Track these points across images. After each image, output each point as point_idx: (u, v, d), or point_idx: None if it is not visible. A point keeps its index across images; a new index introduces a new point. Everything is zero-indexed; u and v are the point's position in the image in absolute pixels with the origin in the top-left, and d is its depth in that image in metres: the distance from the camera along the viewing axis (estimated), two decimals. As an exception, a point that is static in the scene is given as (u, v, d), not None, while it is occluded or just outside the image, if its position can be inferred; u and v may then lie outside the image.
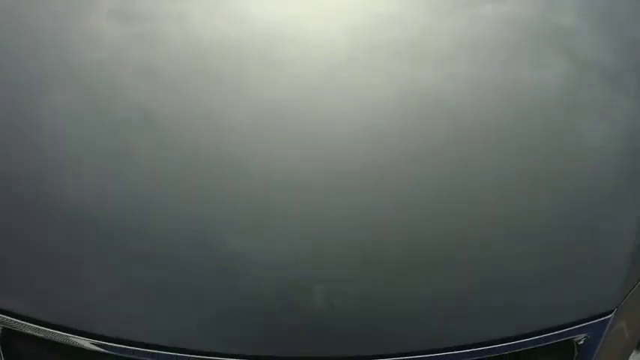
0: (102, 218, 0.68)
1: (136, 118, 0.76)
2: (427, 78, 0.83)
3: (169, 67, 0.82)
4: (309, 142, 0.74)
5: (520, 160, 0.76)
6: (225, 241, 0.65)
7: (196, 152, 0.72)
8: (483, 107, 0.81)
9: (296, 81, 0.81)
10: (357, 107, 0.80)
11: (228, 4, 0.91)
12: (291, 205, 0.68)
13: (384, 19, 0.89)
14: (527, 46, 0.89)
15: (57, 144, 0.75)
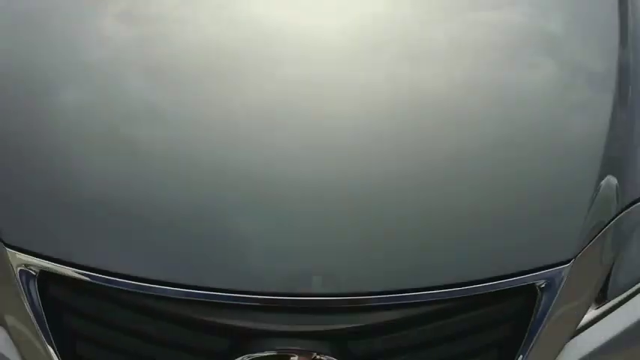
0: (125, 173, 0.78)
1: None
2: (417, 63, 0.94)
3: (173, 62, 0.92)
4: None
5: (491, 126, 0.86)
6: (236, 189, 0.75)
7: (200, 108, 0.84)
8: (463, 79, 0.93)
9: (292, 68, 0.92)
10: (353, 83, 0.91)
11: (227, 9, 1.01)
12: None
13: (385, 22, 1.00)
14: (510, 47, 1.01)
15: (84, 118, 0.86)
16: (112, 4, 1.03)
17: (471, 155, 0.83)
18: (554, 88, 0.97)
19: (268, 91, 0.89)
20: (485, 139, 0.85)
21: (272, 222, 0.75)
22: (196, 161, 0.78)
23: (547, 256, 0.76)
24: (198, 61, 0.93)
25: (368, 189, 0.77)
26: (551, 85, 0.97)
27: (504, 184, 0.81)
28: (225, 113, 0.85)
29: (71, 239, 0.74)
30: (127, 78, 0.90)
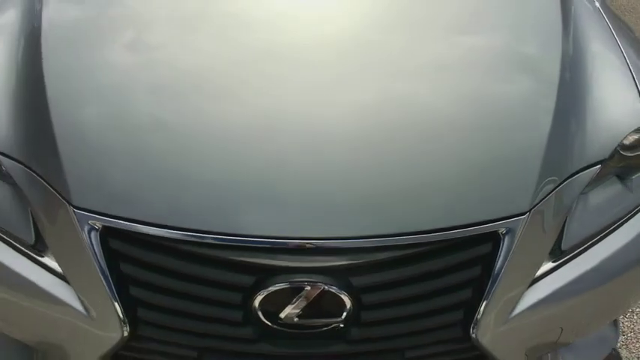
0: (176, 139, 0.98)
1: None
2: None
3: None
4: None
5: (462, 100, 1.06)
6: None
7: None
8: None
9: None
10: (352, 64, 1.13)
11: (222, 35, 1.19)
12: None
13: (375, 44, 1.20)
14: (475, 38, 1.23)
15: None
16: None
17: (448, 124, 1.03)
18: (510, 70, 1.17)
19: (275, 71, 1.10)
20: (458, 112, 1.05)
21: (286, 185, 0.94)
22: (226, 135, 0.99)
23: (508, 209, 0.95)
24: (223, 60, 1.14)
25: (359, 155, 0.96)
26: (507, 68, 1.18)
27: (474, 150, 0.99)
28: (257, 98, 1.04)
29: (126, 201, 0.92)
30: (172, 76, 1.10)
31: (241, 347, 0.95)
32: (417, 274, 0.93)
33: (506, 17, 1.31)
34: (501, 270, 0.95)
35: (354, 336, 0.94)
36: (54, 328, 1.02)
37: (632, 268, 1.10)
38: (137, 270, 0.92)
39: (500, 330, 0.99)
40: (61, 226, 0.95)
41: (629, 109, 1.13)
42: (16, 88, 1.08)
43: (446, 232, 0.92)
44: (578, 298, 1.06)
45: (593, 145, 1.07)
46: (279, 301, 0.90)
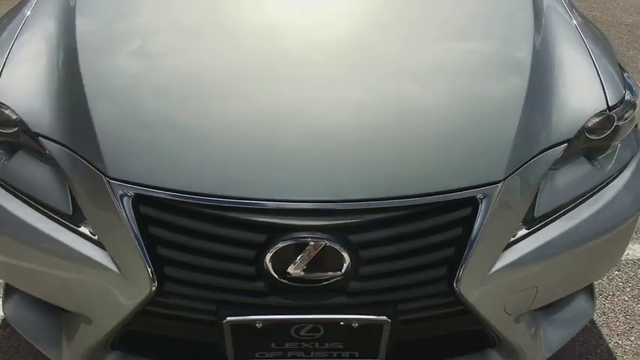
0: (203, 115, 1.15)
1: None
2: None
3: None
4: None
5: (447, 82, 1.25)
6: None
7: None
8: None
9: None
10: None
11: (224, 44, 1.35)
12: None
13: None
14: (457, 35, 1.43)
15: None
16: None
17: (435, 106, 1.19)
18: (489, 61, 1.36)
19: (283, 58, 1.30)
20: (443, 96, 1.22)
21: (292, 159, 1.09)
22: (243, 117, 1.14)
23: (484, 177, 1.10)
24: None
25: (355, 134, 1.12)
26: (486, 59, 1.36)
27: (456, 128, 1.15)
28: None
29: (155, 171, 1.07)
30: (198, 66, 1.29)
31: (254, 300, 1.09)
32: (406, 232, 1.07)
33: (486, 17, 1.51)
34: (479, 231, 1.09)
35: (353, 288, 1.08)
36: (90, 289, 1.15)
37: (597, 237, 1.24)
38: (164, 232, 1.07)
39: (479, 286, 1.12)
40: (97, 196, 1.10)
41: (591, 96, 1.29)
42: (57, 84, 1.25)
43: (431, 196, 1.07)
44: (548, 260, 1.20)
45: (559, 127, 1.23)
46: (287, 258, 1.04)
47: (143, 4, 1.50)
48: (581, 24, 1.53)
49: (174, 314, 1.14)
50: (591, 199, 1.26)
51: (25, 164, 1.22)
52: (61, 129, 1.17)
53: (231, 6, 1.47)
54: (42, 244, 1.16)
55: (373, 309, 1.11)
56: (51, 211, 1.17)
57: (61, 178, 1.16)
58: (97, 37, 1.35)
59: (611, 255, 1.37)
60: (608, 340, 1.76)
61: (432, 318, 1.18)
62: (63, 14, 1.41)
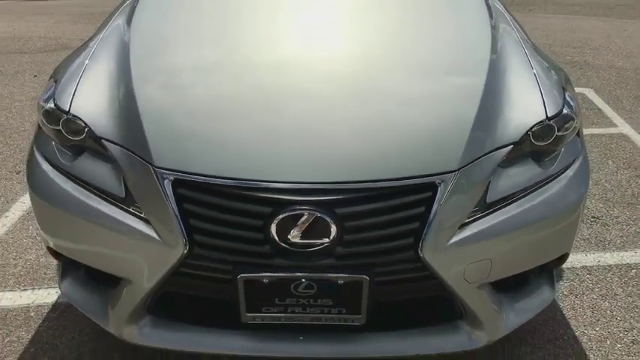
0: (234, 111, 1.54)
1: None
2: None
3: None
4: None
5: (415, 83, 1.67)
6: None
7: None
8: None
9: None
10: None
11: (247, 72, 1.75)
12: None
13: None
14: (427, 42, 1.93)
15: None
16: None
17: (404, 111, 1.55)
18: (451, 74, 1.73)
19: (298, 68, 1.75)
20: (410, 103, 1.59)
21: (292, 153, 1.43)
22: (257, 121, 1.50)
23: (442, 167, 1.41)
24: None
25: (340, 134, 1.47)
26: (449, 72, 1.74)
27: (420, 127, 1.50)
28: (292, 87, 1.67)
29: (190, 161, 1.41)
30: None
31: (262, 261, 1.40)
32: (380, 208, 1.38)
33: (452, 43, 1.91)
34: (437, 209, 1.40)
35: (339, 253, 1.39)
36: (137, 255, 1.48)
37: (538, 222, 1.54)
38: (195, 207, 1.40)
39: (440, 254, 1.42)
40: (145, 181, 1.44)
41: (533, 109, 1.61)
42: (116, 101, 1.62)
43: (400, 180, 1.39)
44: (498, 238, 1.49)
45: (506, 132, 1.55)
46: (287, 227, 1.36)
47: (179, 42, 1.91)
48: (532, 53, 1.88)
49: (199, 274, 1.46)
50: (537, 192, 1.56)
51: (89, 161, 1.58)
52: (119, 134, 1.54)
53: (250, 46, 1.86)
54: (101, 221, 1.50)
55: (355, 269, 1.41)
56: (108, 195, 1.51)
57: (117, 171, 1.52)
58: (145, 66, 1.74)
59: (556, 240, 1.64)
60: (575, 329, 2.00)
61: (404, 281, 1.47)
62: (119, 48, 1.82)
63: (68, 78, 1.74)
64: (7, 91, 4.58)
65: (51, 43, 6.25)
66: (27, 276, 2.29)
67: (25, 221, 2.68)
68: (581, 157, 1.70)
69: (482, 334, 1.59)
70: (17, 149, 3.47)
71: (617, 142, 3.56)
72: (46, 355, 1.89)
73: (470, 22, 2.05)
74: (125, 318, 1.59)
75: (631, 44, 6.23)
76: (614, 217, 2.71)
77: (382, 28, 2.00)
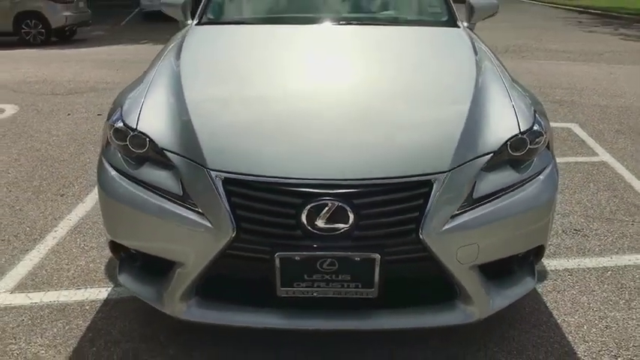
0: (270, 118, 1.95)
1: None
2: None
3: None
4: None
5: (415, 103, 2.06)
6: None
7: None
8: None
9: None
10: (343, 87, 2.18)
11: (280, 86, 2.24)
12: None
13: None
14: (419, 75, 2.38)
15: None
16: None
17: (407, 124, 1.96)
18: (444, 95, 2.20)
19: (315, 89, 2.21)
20: (411, 120, 2.01)
21: (318, 157, 1.81)
22: (290, 131, 1.91)
23: (436, 168, 1.79)
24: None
25: (351, 141, 1.86)
26: (442, 94, 2.23)
27: (420, 138, 1.89)
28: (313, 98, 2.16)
29: (236, 163, 1.79)
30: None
31: (294, 242, 1.76)
32: (388, 199, 1.75)
33: (445, 69, 2.37)
34: (433, 201, 1.76)
35: (355, 235, 1.75)
36: (192, 241, 1.83)
37: (515, 215, 1.89)
38: (241, 200, 1.77)
39: (436, 238, 1.77)
40: (200, 181, 1.81)
41: (509, 125, 2.00)
42: (173, 117, 2.02)
43: (404, 177, 1.77)
44: (482, 227, 1.84)
45: (487, 143, 1.93)
46: (315, 215, 1.72)
47: (221, 74, 2.35)
48: (509, 83, 2.29)
49: (243, 255, 1.81)
50: (514, 192, 1.93)
51: (151, 168, 1.96)
52: (178, 145, 1.92)
53: (280, 79, 2.29)
54: (161, 214, 1.86)
55: (368, 249, 1.76)
56: (168, 194, 1.88)
57: (175, 174, 1.89)
58: (195, 92, 2.15)
59: (532, 232, 1.99)
60: (557, 318, 2.32)
61: (408, 260, 1.81)
62: (172, 77, 2.25)
63: (132, 103, 2.14)
64: (45, 127, 5.03)
65: (80, 85, 6.78)
66: (79, 278, 2.63)
67: (73, 235, 3.04)
68: (550, 165, 2.08)
69: (473, 310, 1.92)
70: (59, 176, 3.87)
71: (598, 169, 3.94)
72: (102, 338, 2.21)
73: (459, 58, 2.49)
74: (177, 298, 1.92)
75: (616, 86, 6.72)
76: (593, 230, 3.06)
77: (386, 65, 2.43)
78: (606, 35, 12.58)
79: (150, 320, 2.28)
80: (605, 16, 16.33)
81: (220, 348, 2.13)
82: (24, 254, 2.84)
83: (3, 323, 2.30)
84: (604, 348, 2.15)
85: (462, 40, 2.74)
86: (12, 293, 2.51)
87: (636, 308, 2.39)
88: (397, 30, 2.99)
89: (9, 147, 4.50)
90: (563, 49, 10.33)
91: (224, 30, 2.99)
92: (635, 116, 5.30)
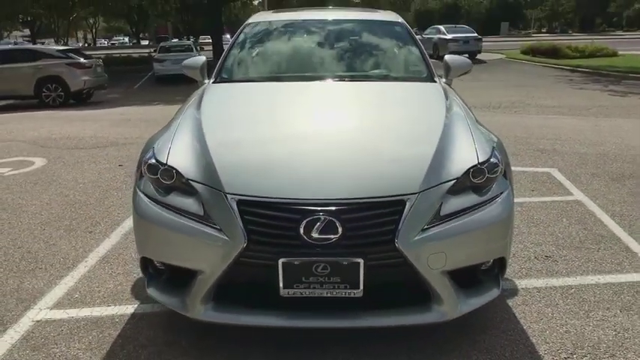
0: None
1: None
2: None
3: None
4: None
5: (391, 139, 2.58)
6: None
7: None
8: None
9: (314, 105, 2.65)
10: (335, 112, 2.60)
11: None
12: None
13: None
14: (393, 111, 2.87)
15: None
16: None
17: (383, 153, 2.42)
18: (416, 130, 2.69)
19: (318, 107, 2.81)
20: (387, 149, 2.47)
21: (314, 181, 2.26)
22: (293, 159, 2.38)
23: (408, 189, 2.24)
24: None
25: (340, 164, 2.33)
26: (415, 129, 2.74)
27: (394, 166, 2.34)
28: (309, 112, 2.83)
29: (247, 188, 2.24)
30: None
31: (294, 250, 2.17)
32: (370, 214, 2.18)
33: (418, 114, 2.87)
34: (406, 216, 2.19)
35: (344, 244, 2.16)
36: (211, 252, 2.25)
37: (475, 230, 2.31)
38: (251, 217, 2.20)
39: (409, 246, 2.18)
40: (219, 203, 2.26)
41: (469, 157, 2.45)
42: (196, 154, 2.49)
43: (382, 197, 2.21)
44: (447, 239, 2.25)
45: (451, 171, 2.37)
46: (311, 227, 2.15)
47: (236, 121, 2.86)
48: (473, 123, 2.77)
49: (252, 261, 2.22)
50: (475, 211, 2.36)
51: (177, 195, 2.41)
52: (200, 176, 2.37)
53: (283, 124, 2.79)
54: (187, 232, 2.29)
55: (354, 255, 2.17)
56: (192, 215, 2.32)
57: (197, 199, 2.34)
58: (214, 135, 2.63)
59: (492, 245, 2.40)
60: (523, 325, 2.67)
61: (387, 265, 2.22)
62: (195, 124, 2.74)
63: (162, 144, 2.62)
64: (71, 176, 5.54)
65: (101, 141, 7.37)
66: (109, 298, 3.02)
67: (102, 264, 3.45)
68: (507, 190, 2.51)
69: (446, 310, 2.30)
70: (86, 217, 4.32)
71: (571, 206, 4.35)
72: (131, 344, 2.58)
73: (431, 106, 3.00)
74: (198, 302, 2.32)
75: (597, 136, 7.22)
76: (562, 256, 3.44)
77: (371, 112, 2.95)
78: (596, 91, 13.22)
79: (172, 329, 2.66)
80: (595, 74, 17.11)
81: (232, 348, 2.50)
82: (59, 280, 3.25)
83: (46, 332, 2.68)
84: (562, 347, 2.49)
85: (436, 91, 3.26)
86: (51, 310, 2.90)
87: (594, 317, 2.74)
88: (383, 85, 3.52)
89: (40, 193, 4.99)
90: (553, 105, 10.93)
91: (236, 86, 3.53)
92: (610, 162, 5.75)
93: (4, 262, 3.51)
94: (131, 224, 3.96)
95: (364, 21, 4.30)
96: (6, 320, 2.80)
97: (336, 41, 3.99)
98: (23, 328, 2.73)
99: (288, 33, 4.13)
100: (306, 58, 3.86)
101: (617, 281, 3.11)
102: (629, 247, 3.56)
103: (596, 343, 2.52)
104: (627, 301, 2.89)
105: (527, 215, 4.15)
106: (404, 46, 3.98)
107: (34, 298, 3.03)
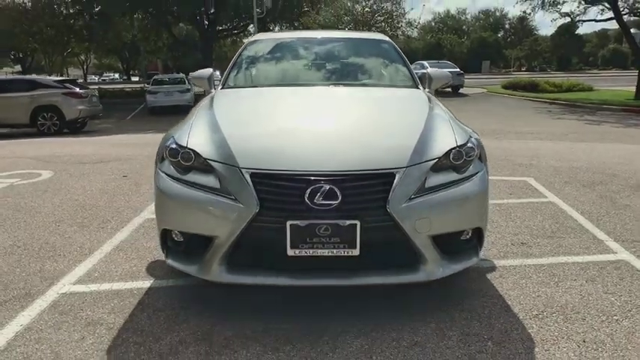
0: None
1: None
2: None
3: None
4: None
5: (382, 125, 2.92)
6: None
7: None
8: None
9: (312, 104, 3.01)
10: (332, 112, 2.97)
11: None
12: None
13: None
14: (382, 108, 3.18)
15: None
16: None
17: (376, 135, 2.81)
18: (405, 121, 3.05)
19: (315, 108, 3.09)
20: (382, 134, 2.85)
21: (316, 155, 2.63)
22: (298, 136, 2.74)
23: (397, 164, 2.61)
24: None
25: (338, 142, 2.71)
26: (404, 117, 3.10)
27: (388, 145, 2.72)
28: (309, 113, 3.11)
29: (259, 162, 2.59)
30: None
31: (300, 214, 2.51)
32: (365, 184, 2.55)
33: (405, 111, 3.25)
34: (395, 186, 2.56)
35: (343, 208, 2.51)
36: (228, 217, 2.58)
37: (455, 200, 2.68)
38: (263, 186, 2.55)
39: (399, 212, 2.54)
40: (234, 176, 2.61)
41: (449, 140, 2.85)
42: (212, 136, 2.86)
43: (374, 170, 2.58)
44: (432, 206, 2.62)
45: (434, 152, 2.76)
46: (315, 194, 2.51)
47: (243, 111, 3.25)
48: (452, 118, 3.18)
49: (263, 226, 2.55)
50: (454, 186, 2.74)
51: (195, 174, 2.76)
52: (217, 155, 2.73)
53: (287, 119, 3.19)
54: (206, 202, 2.63)
55: (352, 217, 2.52)
56: (209, 189, 2.67)
57: (214, 175, 2.69)
58: (226, 120, 3.00)
59: (469, 215, 2.77)
60: (500, 291, 3.01)
61: (380, 228, 2.56)
62: (209, 116, 3.11)
63: (182, 132, 2.98)
64: (79, 185, 5.84)
65: (104, 157, 7.69)
66: (126, 276, 3.31)
67: (116, 251, 3.74)
68: (482, 171, 2.90)
69: (432, 271, 2.65)
70: (97, 216, 4.62)
71: (545, 206, 4.76)
72: (150, 308, 2.87)
73: (416, 103, 3.41)
74: (214, 265, 2.64)
75: (571, 154, 7.71)
76: (537, 243, 3.81)
77: (365, 106, 3.37)
78: (572, 121, 13.90)
79: (185, 297, 2.95)
80: (573, 105, 17.94)
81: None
82: (78, 263, 3.53)
83: (71, 301, 2.96)
84: (534, 307, 2.83)
85: (421, 95, 3.68)
86: (74, 285, 3.18)
87: (562, 286, 3.09)
88: (374, 89, 3.95)
89: (51, 198, 5.28)
90: (532, 131, 11.51)
91: (243, 90, 3.94)
92: (582, 173, 6.21)
93: (25, 251, 3.79)
94: (142, 222, 4.33)
95: (355, 39, 4.79)
96: (33, 293, 3.07)
97: (331, 55, 4.44)
98: (50, 298, 3.00)
99: (287, 47, 4.58)
100: (304, 67, 4.30)
101: (584, 261, 3.48)
102: (595, 236, 3.95)
103: (564, 304, 2.87)
104: (592, 275, 3.26)
105: (505, 213, 4.54)
106: (391, 60, 4.44)
107: (57, 276, 3.31)
